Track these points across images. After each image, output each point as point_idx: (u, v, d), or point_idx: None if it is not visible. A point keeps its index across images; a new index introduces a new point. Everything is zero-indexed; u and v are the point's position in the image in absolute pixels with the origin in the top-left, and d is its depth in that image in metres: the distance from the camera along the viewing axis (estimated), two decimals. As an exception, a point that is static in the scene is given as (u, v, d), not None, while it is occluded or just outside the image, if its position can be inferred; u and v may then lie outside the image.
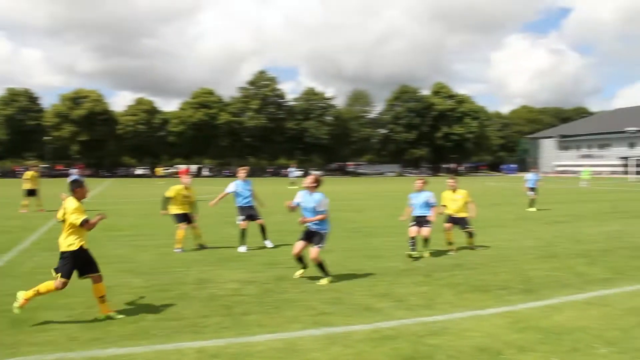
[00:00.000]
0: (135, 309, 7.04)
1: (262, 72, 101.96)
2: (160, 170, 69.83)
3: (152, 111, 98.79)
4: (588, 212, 21.29)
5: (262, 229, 12.41)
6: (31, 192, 21.33)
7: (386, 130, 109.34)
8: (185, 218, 11.90)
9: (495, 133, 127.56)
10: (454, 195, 12.11)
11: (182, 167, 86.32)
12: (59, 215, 6.76)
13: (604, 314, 6.76)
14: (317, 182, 8.92)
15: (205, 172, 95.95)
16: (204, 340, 5.80)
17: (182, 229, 11.74)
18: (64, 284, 6.60)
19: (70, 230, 6.64)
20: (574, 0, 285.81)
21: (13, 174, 79.91)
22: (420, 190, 11.15)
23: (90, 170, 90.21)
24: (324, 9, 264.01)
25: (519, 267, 9.89)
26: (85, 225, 6.58)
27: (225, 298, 7.60)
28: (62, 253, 6.66)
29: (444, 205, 12.07)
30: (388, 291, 8.01)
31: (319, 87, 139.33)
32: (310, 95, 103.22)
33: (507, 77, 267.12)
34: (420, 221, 11.04)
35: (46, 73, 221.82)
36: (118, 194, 35.14)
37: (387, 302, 7.39)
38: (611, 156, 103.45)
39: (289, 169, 53.22)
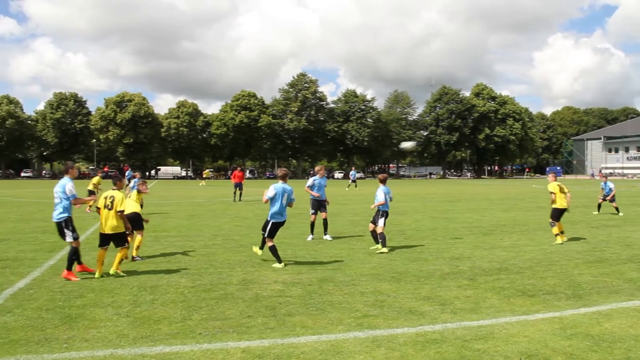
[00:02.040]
0: (182, 308, 7.14)
1: (302, 75, 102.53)
2: (207, 172, 71.63)
3: (195, 113, 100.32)
4: (638, 216, 20.70)
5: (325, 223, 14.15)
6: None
7: (427, 132, 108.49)
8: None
9: (539, 135, 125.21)
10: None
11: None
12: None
13: (657, 321, 6.56)
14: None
15: (248, 174, 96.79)
16: (249, 341, 5.84)
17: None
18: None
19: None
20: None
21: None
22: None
23: (135, 172, 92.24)
24: (360, 11, 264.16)
25: (566, 271, 9.68)
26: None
27: (269, 299, 7.65)
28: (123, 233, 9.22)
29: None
30: (432, 294, 7.95)
31: (358, 89, 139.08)
32: (351, 97, 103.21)
33: (550, 77, 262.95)
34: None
35: (90, 77, 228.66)
36: (163, 196, 35.74)
37: (432, 305, 7.32)
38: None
39: (350, 172, 52.52)
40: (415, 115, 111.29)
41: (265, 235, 10.28)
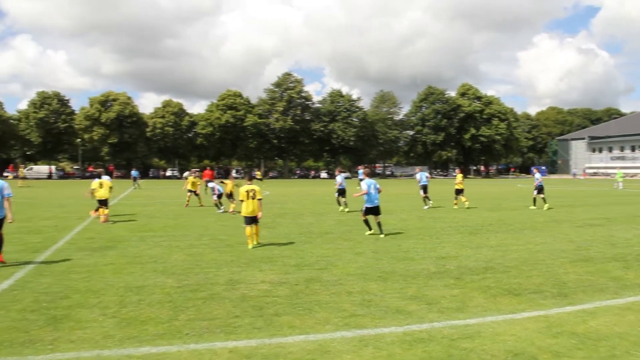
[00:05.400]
0: (168, 308, 7.10)
1: (288, 74, 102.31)
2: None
3: (180, 113, 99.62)
4: (621, 215, 20.88)
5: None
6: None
7: (413, 132, 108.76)
8: None
9: (524, 135, 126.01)
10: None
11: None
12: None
13: (641, 319, 6.62)
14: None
15: (235, 174, 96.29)
16: (236, 341, 5.83)
17: None
18: None
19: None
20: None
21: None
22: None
23: (121, 171, 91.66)
24: (344, 10, 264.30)
25: (551, 270, 9.74)
26: None
27: (256, 299, 7.63)
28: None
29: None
30: (419, 294, 7.96)
31: (344, 88, 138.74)
32: (336, 97, 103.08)
33: (535, 77, 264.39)
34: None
35: (71, 75, 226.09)
36: (149, 195, 35.52)
37: (419, 304, 7.34)
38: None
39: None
40: (401, 115, 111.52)
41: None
